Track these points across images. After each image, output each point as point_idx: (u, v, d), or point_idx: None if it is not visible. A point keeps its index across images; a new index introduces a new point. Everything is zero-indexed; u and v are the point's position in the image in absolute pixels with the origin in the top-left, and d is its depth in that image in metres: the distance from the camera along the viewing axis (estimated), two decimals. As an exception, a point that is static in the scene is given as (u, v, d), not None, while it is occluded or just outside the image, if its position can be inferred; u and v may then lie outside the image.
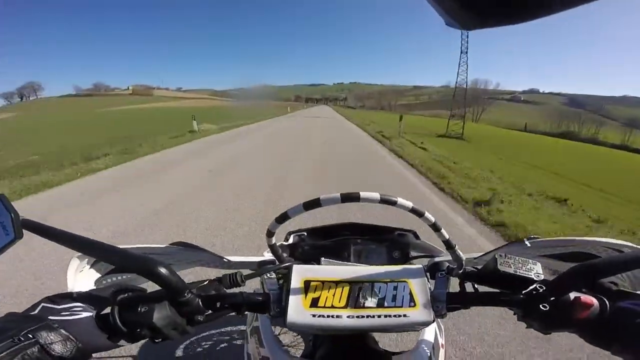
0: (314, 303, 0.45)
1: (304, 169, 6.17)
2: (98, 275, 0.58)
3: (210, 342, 1.66)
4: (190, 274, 1.68)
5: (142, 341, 0.41)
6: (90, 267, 0.57)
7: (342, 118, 30.71)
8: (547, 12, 0.16)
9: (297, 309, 0.44)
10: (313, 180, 5.28)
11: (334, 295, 0.45)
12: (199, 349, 1.63)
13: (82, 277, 0.56)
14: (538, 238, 0.56)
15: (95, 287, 0.56)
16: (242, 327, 1.69)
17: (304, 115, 35.44)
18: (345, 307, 0.44)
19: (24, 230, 0.41)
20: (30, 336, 0.34)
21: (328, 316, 0.44)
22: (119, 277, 0.60)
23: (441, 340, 0.70)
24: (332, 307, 0.44)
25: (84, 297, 0.42)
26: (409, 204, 0.45)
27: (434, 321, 0.45)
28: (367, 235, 0.70)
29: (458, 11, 0.17)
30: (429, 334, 0.66)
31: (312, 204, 0.44)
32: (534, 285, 0.43)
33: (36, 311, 0.38)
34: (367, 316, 0.44)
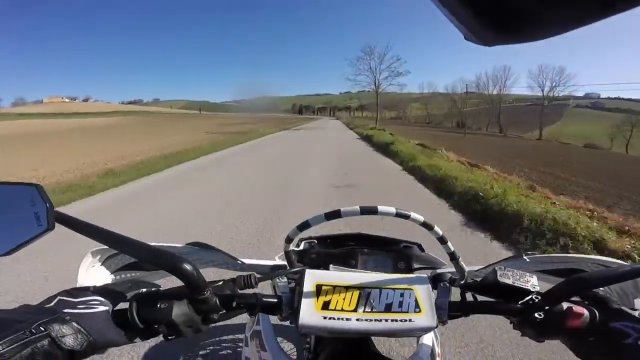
0: (325, 306, 0.47)
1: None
2: (109, 271, 0.60)
3: (206, 349, 1.66)
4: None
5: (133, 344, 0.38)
6: (102, 264, 0.59)
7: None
8: (566, 28, 0.15)
9: (309, 311, 0.47)
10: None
11: (344, 300, 0.47)
12: (195, 355, 1.63)
13: (93, 272, 0.58)
14: (536, 254, 0.60)
15: (108, 283, 0.57)
16: (233, 336, 1.69)
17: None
18: (354, 310, 0.47)
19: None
20: (42, 329, 0.34)
21: (338, 319, 0.46)
22: (131, 274, 0.62)
23: (438, 349, 0.73)
24: (342, 310, 0.47)
25: (101, 292, 0.43)
26: (421, 218, 0.48)
27: (436, 327, 0.48)
28: (374, 245, 0.73)
29: (478, 27, 0.16)
30: (427, 342, 0.68)
31: (333, 215, 0.48)
32: (531, 296, 0.46)
33: (52, 304, 0.39)
34: (375, 320, 0.46)
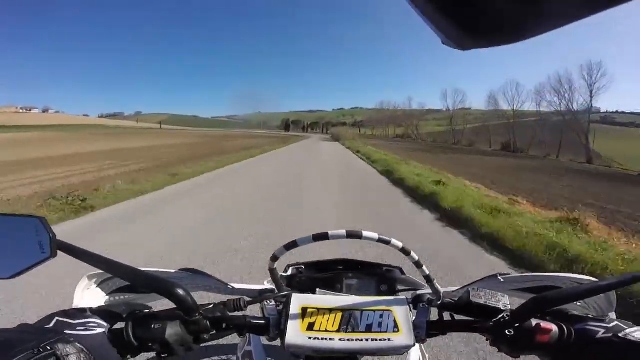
0: (310, 327, 0.50)
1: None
2: (104, 293, 0.62)
3: None
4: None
5: None
6: (97, 286, 0.61)
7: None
8: (541, 30, 0.16)
9: (295, 332, 0.50)
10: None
11: (328, 321, 0.51)
12: None
13: (89, 294, 0.60)
14: (509, 274, 0.64)
15: (104, 304, 0.60)
16: (225, 355, 1.68)
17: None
18: (337, 331, 0.50)
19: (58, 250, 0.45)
20: (49, 348, 0.36)
21: (322, 339, 0.49)
22: (125, 296, 0.65)
23: None
24: (326, 331, 0.50)
25: (98, 313, 0.46)
26: (400, 244, 0.52)
27: (414, 345, 0.51)
28: (359, 270, 0.76)
29: (454, 31, 0.17)
30: (414, 359, 0.71)
31: (321, 237, 0.51)
32: (502, 314, 0.50)
33: (51, 324, 0.41)
34: (357, 340, 0.49)
